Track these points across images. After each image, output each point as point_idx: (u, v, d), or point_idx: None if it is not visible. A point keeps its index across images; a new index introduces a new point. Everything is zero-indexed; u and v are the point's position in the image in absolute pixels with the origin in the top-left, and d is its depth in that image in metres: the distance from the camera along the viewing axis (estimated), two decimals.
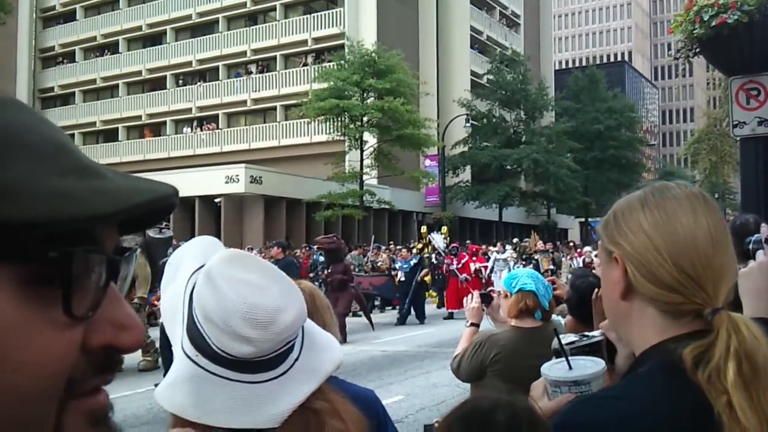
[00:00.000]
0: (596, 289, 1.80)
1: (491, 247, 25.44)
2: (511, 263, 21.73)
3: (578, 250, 23.84)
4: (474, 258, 20.17)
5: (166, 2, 45.33)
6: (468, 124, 38.00)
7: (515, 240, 27.58)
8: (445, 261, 19.90)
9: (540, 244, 22.83)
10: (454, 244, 21.83)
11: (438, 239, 20.54)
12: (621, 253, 1.15)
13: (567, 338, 1.51)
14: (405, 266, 19.02)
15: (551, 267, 20.15)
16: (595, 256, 19.69)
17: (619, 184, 48.62)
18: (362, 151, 32.01)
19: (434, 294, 21.26)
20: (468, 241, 23.20)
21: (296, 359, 1.16)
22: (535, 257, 20.96)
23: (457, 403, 1.69)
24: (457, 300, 18.80)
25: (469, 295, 3.75)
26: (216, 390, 1.11)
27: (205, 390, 1.11)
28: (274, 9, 42.46)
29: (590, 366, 1.41)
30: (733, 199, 55.48)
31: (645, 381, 1.09)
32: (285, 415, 1.13)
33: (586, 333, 1.54)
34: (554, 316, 3.48)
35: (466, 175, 42.86)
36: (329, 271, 13.83)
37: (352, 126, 31.75)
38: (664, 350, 1.08)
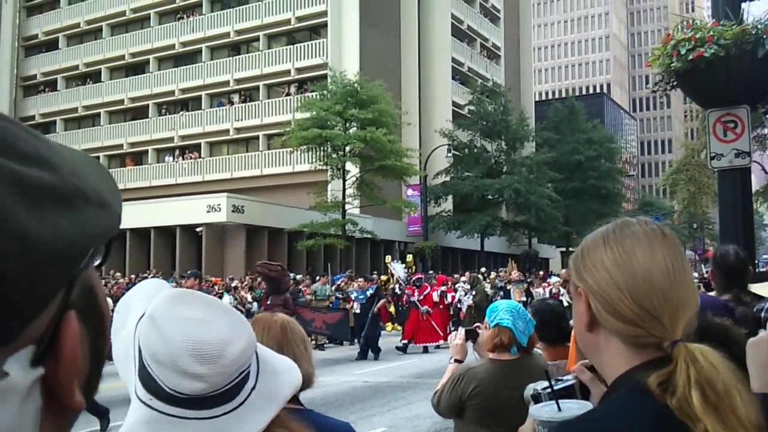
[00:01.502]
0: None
1: (461, 277, 25.16)
2: (462, 293, 21.56)
3: (547, 280, 23.01)
4: (444, 287, 19.95)
5: (149, 32, 45.46)
6: (449, 154, 38.21)
7: (482, 270, 27.21)
8: (406, 292, 19.38)
9: (515, 274, 22.52)
10: (418, 275, 21.59)
11: (398, 269, 20.31)
12: (585, 288, 1.20)
13: (541, 384, 1.54)
14: (361, 297, 18.27)
15: (523, 298, 19.65)
16: (561, 286, 19.67)
17: (600, 214, 48.87)
18: (344, 181, 32.05)
19: (399, 328, 20.82)
20: (431, 272, 22.93)
21: (253, 387, 1.15)
22: (508, 287, 20.70)
23: None
24: (416, 332, 18.11)
25: (455, 331, 3.70)
26: (174, 430, 1.09)
27: None
28: (257, 39, 42.70)
29: (577, 408, 1.44)
30: (711, 229, 56.05)
31: (622, 404, 1.12)
32: None
33: (560, 377, 1.57)
34: (535, 349, 3.44)
35: (447, 204, 43.01)
36: (269, 302, 12.05)
37: (334, 155, 31.84)
38: (632, 377, 1.13)
